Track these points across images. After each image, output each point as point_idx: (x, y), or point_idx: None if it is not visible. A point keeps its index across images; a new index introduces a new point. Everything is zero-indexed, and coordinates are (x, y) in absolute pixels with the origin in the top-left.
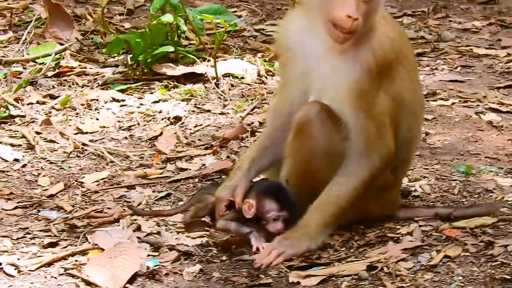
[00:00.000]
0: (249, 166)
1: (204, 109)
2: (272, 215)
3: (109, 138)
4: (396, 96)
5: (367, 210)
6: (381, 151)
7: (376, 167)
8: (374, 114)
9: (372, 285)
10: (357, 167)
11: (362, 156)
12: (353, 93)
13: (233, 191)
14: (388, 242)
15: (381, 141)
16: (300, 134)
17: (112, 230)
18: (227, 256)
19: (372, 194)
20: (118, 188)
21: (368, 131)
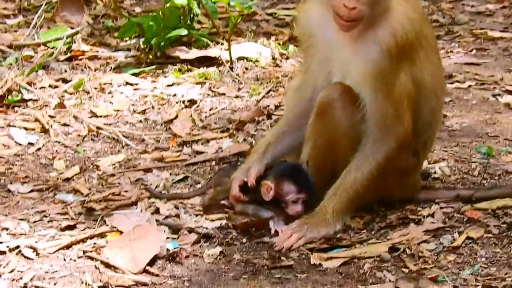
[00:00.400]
0: (264, 149)
1: (219, 92)
2: (291, 197)
3: (123, 121)
4: (416, 79)
5: (388, 192)
6: (398, 133)
7: (392, 149)
8: (393, 96)
9: (394, 266)
10: (373, 150)
11: (379, 138)
12: (373, 74)
13: (247, 172)
14: (409, 224)
15: (398, 123)
16: (322, 116)
17: (130, 213)
18: (247, 239)
19: (394, 177)
20: (135, 171)
21: (385, 113)
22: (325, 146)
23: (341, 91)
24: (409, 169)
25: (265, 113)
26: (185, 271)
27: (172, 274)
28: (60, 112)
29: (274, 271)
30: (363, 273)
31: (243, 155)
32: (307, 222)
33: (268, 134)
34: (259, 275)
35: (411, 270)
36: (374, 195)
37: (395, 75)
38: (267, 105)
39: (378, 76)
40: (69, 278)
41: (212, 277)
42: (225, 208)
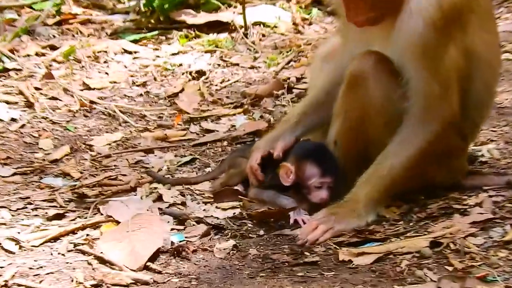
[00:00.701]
0: (297, 119)
1: (232, 63)
2: (314, 182)
3: (121, 95)
4: (468, 49)
5: (429, 178)
6: (444, 115)
7: (436, 133)
8: (439, 72)
9: (437, 264)
10: (414, 134)
11: (421, 120)
12: (416, 50)
13: (274, 142)
14: (453, 215)
15: (445, 104)
16: (353, 88)
17: (129, 200)
18: (264, 231)
19: (436, 160)
20: (134, 152)
21: (431, 91)
22: (357, 124)
23: (376, 60)
24: (454, 152)
25: (285, 87)
26: (193, 268)
27: (177, 271)
28: (48, 83)
29: (297, 269)
30: (400, 271)
31: (259, 134)
32: (335, 212)
33: (302, 103)
34: (279, 273)
35: (455, 268)
36: (413, 183)
37: (443, 49)
38: (287, 77)
39: (423, 51)
40: (57, 275)
41: (223, 274)
42: (239, 195)
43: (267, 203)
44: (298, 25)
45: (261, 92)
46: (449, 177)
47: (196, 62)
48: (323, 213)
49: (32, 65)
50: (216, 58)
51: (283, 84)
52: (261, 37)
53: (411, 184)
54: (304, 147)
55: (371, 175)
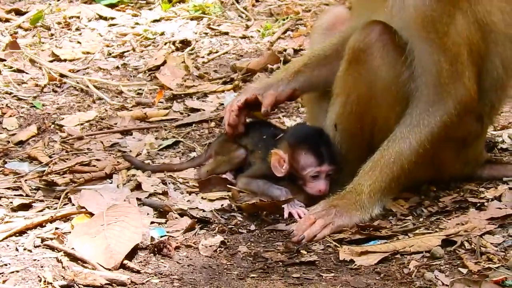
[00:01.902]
0: (297, 69)
1: (220, 31)
2: (310, 172)
3: (95, 67)
4: (481, 19)
5: (441, 167)
6: (457, 94)
7: (449, 115)
8: (446, 46)
9: (449, 265)
10: (425, 116)
11: (432, 100)
12: (418, 20)
13: (267, 89)
14: (469, 210)
15: (457, 82)
16: (356, 64)
17: (103, 189)
18: (256, 225)
19: (450, 148)
20: (110, 134)
21: (440, 68)
22: (360, 104)
23: (380, 32)
24: (469, 138)
25: (281, 60)
26: (175, 267)
27: (157, 270)
28: (12, 54)
29: (292, 269)
30: (408, 273)
31: (251, 114)
32: (335, 204)
33: (306, 54)
34: (272, 273)
35: (470, 270)
36: (423, 173)
37: (448, 19)
38: (283, 49)
39: (425, 23)
40: (22, 274)
41: (209, 275)
42: (227, 184)
43: (258, 194)
44: None
45: (253, 65)
46: (463, 167)
47: (180, 30)
48: (321, 205)
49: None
50: (203, 26)
51: (279, 57)
52: (254, 2)
53: (421, 174)
54: (298, 132)
55: (377, 163)
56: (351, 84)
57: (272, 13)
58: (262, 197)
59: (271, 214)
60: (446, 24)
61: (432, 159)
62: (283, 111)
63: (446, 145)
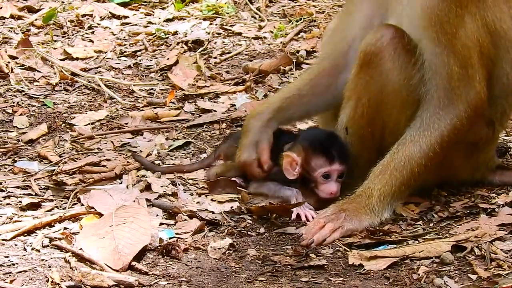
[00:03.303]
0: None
1: (233, 32)
2: (321, 171)
3: (107, 66)
4: (490, 25)
5: (452, 173)
6: (468, 97)
7: (460, 118)
8: (456, 48)
9: (459, 271)
10: (435, 118)
11: (443, 104)
12: (428, 22)
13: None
14: (479, 215)
15: (467, 85)
16: (367, 67)
17: (113, 189)
18: (265, 228)
19: (460, 153)
20: (120, 134)
21: (449, 71)
22: (371, 108)
23: (392, 36)
24: (480, 143)
25: (293, 61)
26: (183, 269)
27: (165, 272)
28: (25, 52)
29: (300, 273)
30: (417, 279)
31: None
32: (345, 208)
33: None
34: (281, 277)
35: (480, 276)
36: (434, 177)
37: (457, 21)
38: (295, 50)
39: (434, 24)
40: (30, 274)
41: (218, 277)
42: (237, 186)
43: (269, 196)
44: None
45: (266, 67)
46: (474, 172)
47: (193, 30)
48: (331, 209)
49: (7, 29)
50: (216, 26)
51: (291, 59)
52: (268, 3)
53: (431, 178)
54: (311, 134)
55: (386, 166)
56: (362, 88)
57: (285, 14)
58: (273, 199)
59: (281, 217)
60: (454, 25)
61: (442, 164)
62: None
63: (456, 150)
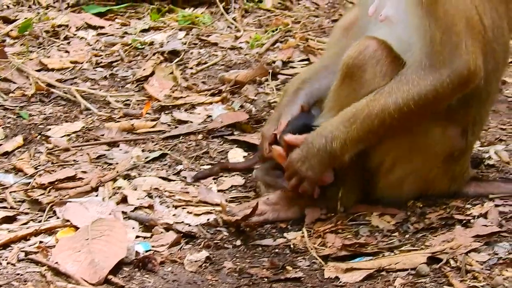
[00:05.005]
0: (296, 87)
1: (210, 42)
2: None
3: (83, 77)
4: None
5: (429, 184)
6: (453, 65)
7: (441, 82)
8: (438, 13)
9: (434, 283)
10: (415, 77)
11: (425, 65)
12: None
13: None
14: (455, 227)
15: (452, 51)
16: (350, 80)
17: (89, 202)
18: (241, 241)
19: (434, 162)
20: (96, 146)
21: (432, 35)
22: None
23: (375, 48)
24: (455, 154)
25: (270, 72)
26: (160, 282)
27: (142, 286)
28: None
29: (277, 285)
30: None
31: (239, 127)
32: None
33: (305, 70)
34: None
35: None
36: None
37: None
38: (272, 61)
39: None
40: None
41: None
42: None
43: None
44: (286, 0)
45: (242, 77)
46: (450, 184)
47: (169, 41)
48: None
49: None
50: (192, 36)
51: (267, 69)
52: (244, 13)
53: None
54: (296, 124)
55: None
56: (344, 99)
57: (261, 24)
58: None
59: (257, 230)
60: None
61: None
62: None
63: (433, 162)
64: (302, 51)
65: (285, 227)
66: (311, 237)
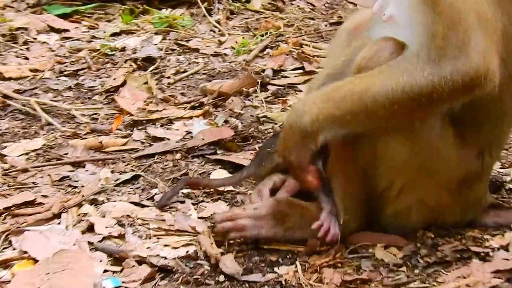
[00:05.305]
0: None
1: (190, 48)
2: None
3: (44, 88)
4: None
5: (439, 214)
6: (456, 62)
7: (440, 79)
8: (441, 8)
9: None
10: (411, 67)
11: (424, 58)
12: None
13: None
14: (471, 260)
15: (457, 48)
16: None
17: (50, 231)
18: (225, 276)
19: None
20: (59, 166)
21: (434, 30)
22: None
23: (391, 50)
24: (469, 179)
25: (258, 82)
26: None
27: None
28: None
29: None
30: None
31: (223, 145)
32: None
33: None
34: None
35: None
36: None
37: None
38: (261, 69)
39: None
40: None
41: None
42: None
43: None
44: (277, 0)
45: (226, 88)
46: (464, 213)
47: (143, 46)
48: None
49: None
50: (169, 41)
51: (256, 79)
52: (229, 15)
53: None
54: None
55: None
56: None
57: (249, 27)
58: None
59: (244, 263)
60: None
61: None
62: None
63: (443, 188)
64: (296, 59)
65: (275, 260)
66: (305, 271)
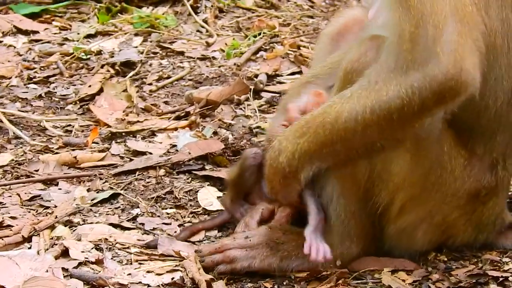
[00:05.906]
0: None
1: (174, 50)
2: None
3: (11, 96)
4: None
5: (446, 230)
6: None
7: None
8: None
9: None
10: (380, 79)
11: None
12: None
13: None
14: (489, 286)
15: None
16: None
17: (20, 256)
18: None
19: (453, 203)
20: (29, 184)
21: (401, 30)
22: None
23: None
24: (482, 195)
25: (251, 88)
26: None
27: None
28: None
29: None
30: None
31: (212, 159)
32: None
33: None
34: None
35: None
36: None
37: None
38: (254, 74)
39: None
40: None
41: None
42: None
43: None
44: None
45: (215, 96)
46: (477, 233)
47: (121, 49)
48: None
49: None
50: (151, 43)
51: (248, 85)
52: (218, 13)
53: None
54: None
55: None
56: None
57: (240, 27)
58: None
59: None
60: None
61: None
62: None
63: (449, 202)
64: (293, 62)
65: (270, 287)
66: None
